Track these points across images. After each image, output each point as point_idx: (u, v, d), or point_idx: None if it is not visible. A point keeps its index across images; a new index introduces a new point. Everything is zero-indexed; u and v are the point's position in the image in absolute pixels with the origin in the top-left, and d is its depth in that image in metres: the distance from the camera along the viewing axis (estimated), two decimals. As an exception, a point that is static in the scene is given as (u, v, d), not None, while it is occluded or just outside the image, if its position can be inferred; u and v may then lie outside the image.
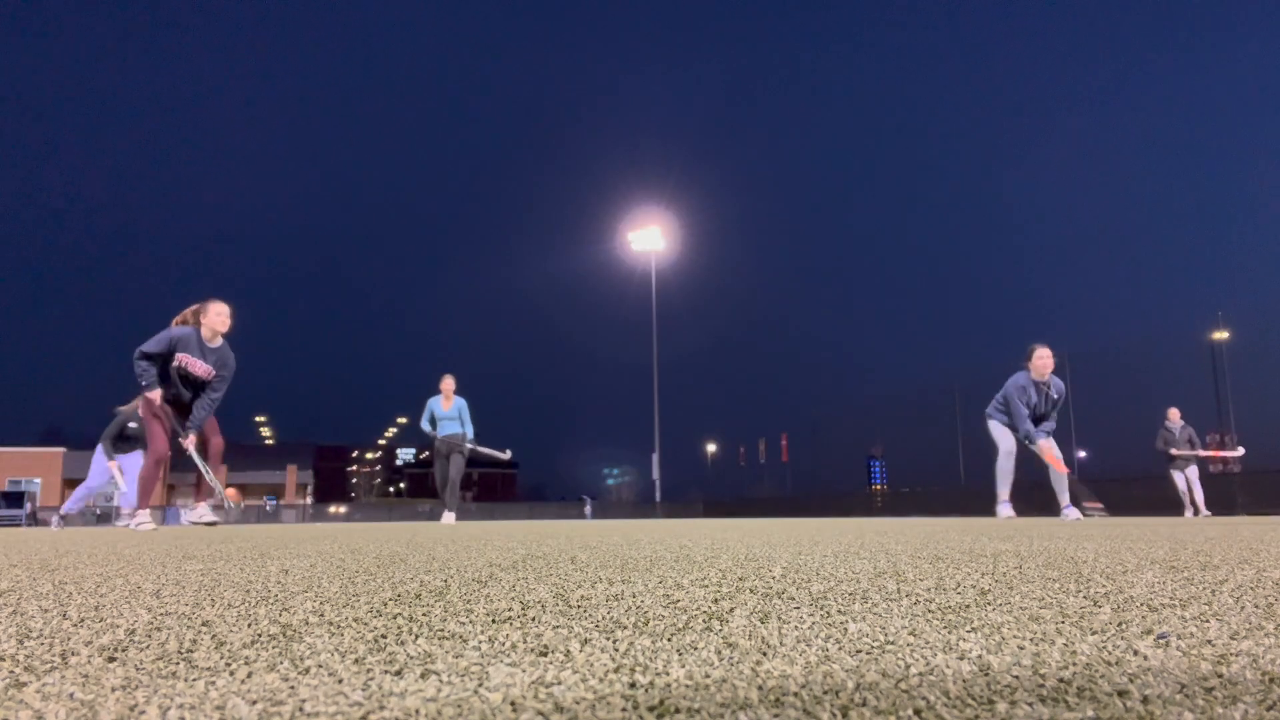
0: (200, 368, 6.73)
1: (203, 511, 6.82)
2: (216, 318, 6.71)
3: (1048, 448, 8.51)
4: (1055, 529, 4.46)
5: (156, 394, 6.56)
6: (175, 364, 6.64)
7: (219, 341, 6.79)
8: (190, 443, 6.78)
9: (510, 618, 1.05)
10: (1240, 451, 15.32)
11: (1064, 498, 8.44)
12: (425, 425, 10.96)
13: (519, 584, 1.50)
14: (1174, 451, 14.25)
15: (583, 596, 1.28)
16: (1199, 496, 14.26)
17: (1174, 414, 14.45)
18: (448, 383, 11.01)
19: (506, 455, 11.56)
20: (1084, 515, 8.30)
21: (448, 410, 10.90)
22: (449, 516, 10.65)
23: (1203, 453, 14.33)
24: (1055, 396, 8.59)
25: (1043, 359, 8.54)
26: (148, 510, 6.82)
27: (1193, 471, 14.36)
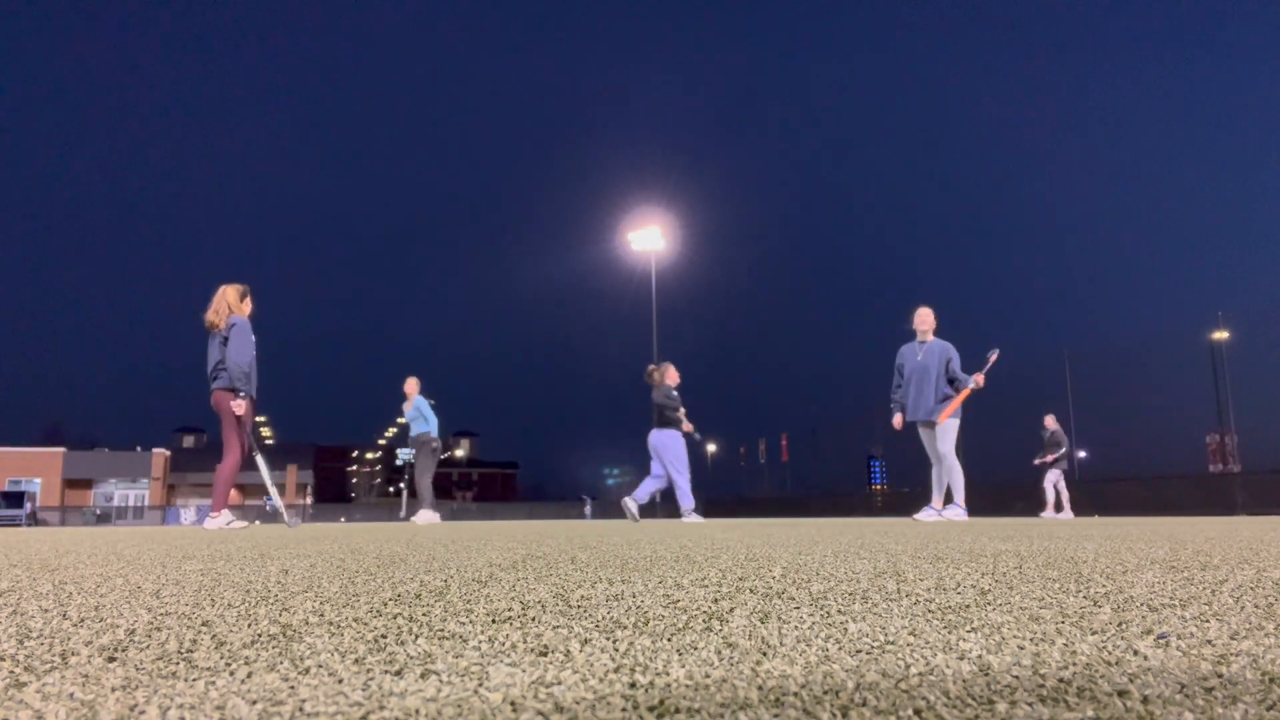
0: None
1: (229, 517, 7.05)
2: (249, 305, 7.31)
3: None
4: (1055, 529, 4.46)
5: (243, 406, 6.99)
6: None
7: None
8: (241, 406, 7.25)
9: (510, 618, 1.05)
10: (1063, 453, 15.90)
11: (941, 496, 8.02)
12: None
13: (519, 584, 1.50)
14: (1038, 461, 14.96)
15: (583, 596, 1.28)
16: (1051, 497, 14.98)
17: (1050, 420, 15.12)
18: (409, 385, 11.32)
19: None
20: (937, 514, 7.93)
21: (408, 413, 11.25)
22: (426, 515, 10.67)
23: (1048, 459, 15.05)
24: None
25: (919, 319, 8.24)
26: (226, 510, 6.97)
27: (1052, 477, 15.07)
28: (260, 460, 7.09)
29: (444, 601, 1.24)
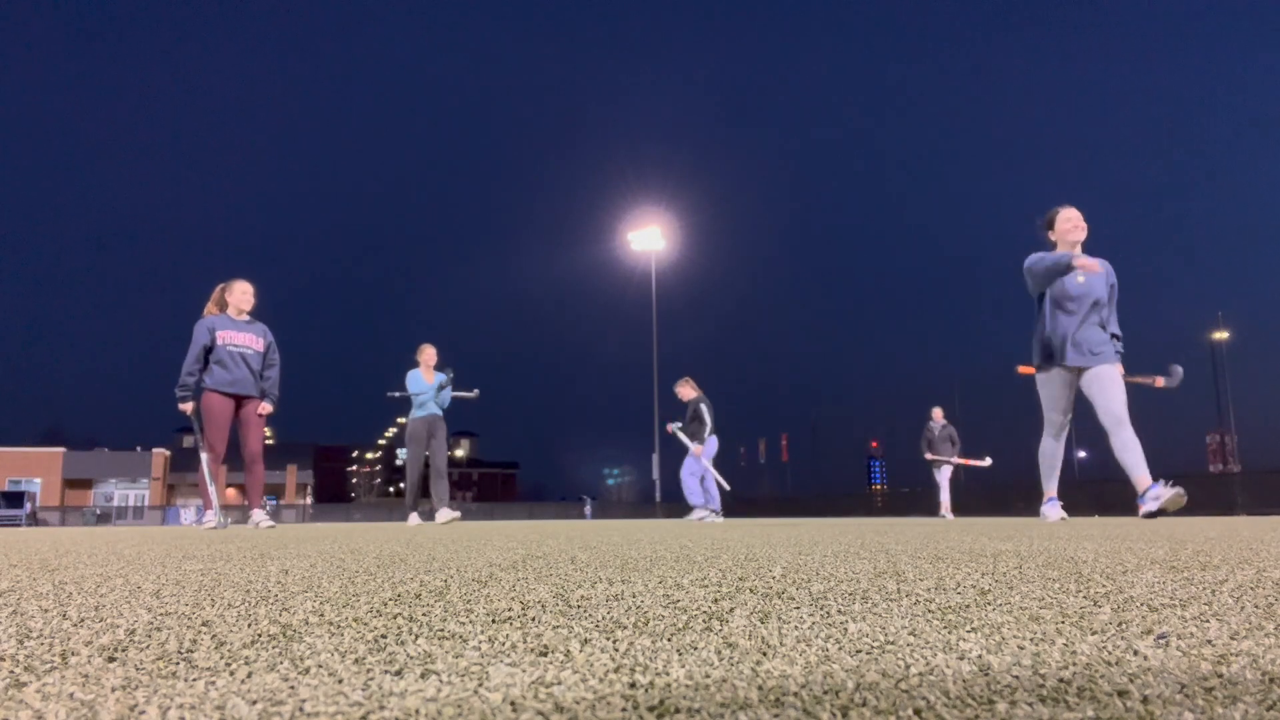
0: (243, 337, 7.14)
1: (259, 517, 7.05)
2: (242, 296, 7.25)
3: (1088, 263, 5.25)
4: (1055, 529, 4.46)
5: (188, 407, 6.96)
6: (220, 344, 7.03)
7: (247, 318, 7.28)
8: (267, 409, 7.27)
9: (510, 618, 1.05)
10: (987, 461, 14.88)
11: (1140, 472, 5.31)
12: (418, 394, 9.41)
13: (519, 584, 1.50)
14: (929, 456, 14.41)
15: (583, 596, 1.28)
16: (945, 497, 14.37)
17: (937, 413, 14.56)
18: (428, 353, 9.48)
19: (474, 394, 10.05)
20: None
21: (428, 386, 9.43)
22: (417, 517, 9.35)
23: (956, 460, 14.46)
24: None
25: (1069, 221, 5.58)
26: (213, 510, 6.93)
27: (945, 473, 14.46)
28: (203, 458, 7.00)
29: (444, 601, 1.24)
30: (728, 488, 11.54)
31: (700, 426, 11.39)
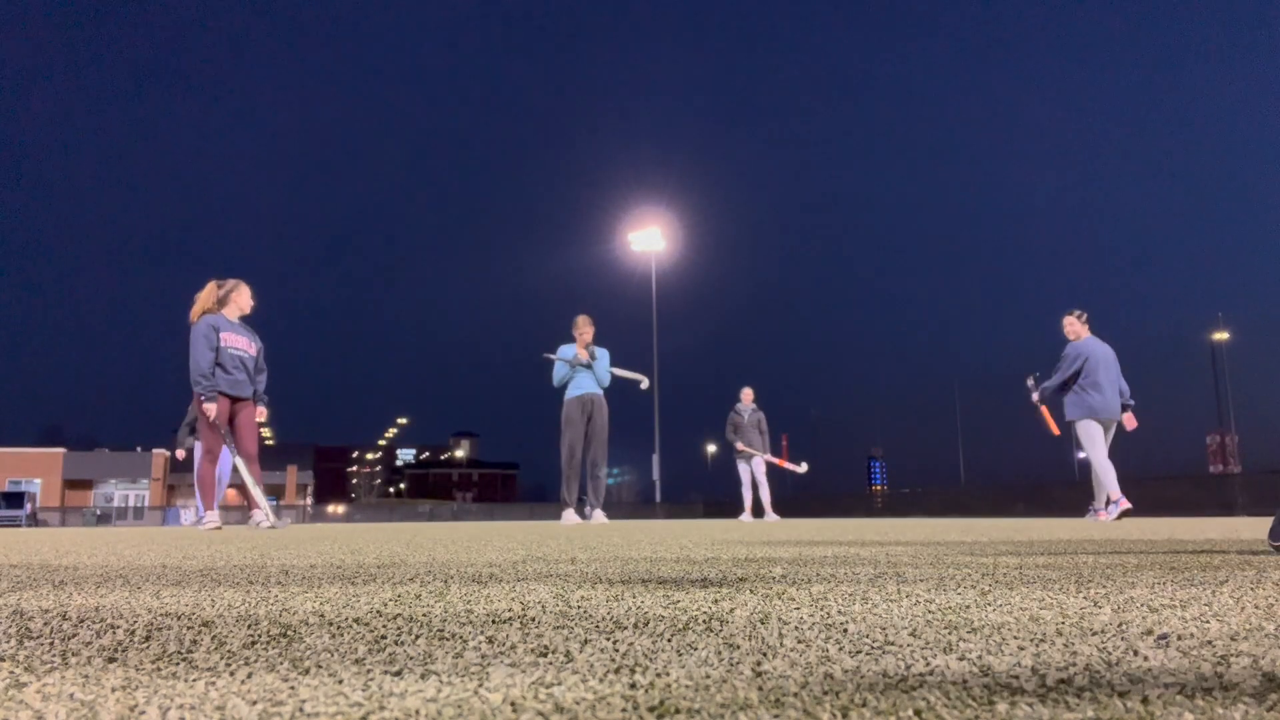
0: (241, 341, 6.99)
1: (259, 518, 6.99)
2: (249, 299, 7.08)
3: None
4: (1054, 529, 4.46)
5: (212, 408, 6.69)
6: (223, 345, 6.84)
7: (240, 322, 7.14)
8: (264, 414, 7.09)
9: (510, 618, 1.05)
10: (803, 468, 12.94)
11: (1100, 494, 8.18)
12: (562, 371, 8.50)
13: (519, 584, 1.50)
14: (739, 446, 12.10)
15: (583, 597, 1.28)
16: (765, 495, 12.06)
17: (747, 394, 12.19)
18: (585, 327, 8.49)
19: (643, 381, 8.99)
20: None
21: (574, 365, 8.47)
22: (574, 514, 8.53)
23: (768, 456, 12.17)
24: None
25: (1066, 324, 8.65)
26: (215, 511, 6.89)
27: (759, 465, 12.17)
28: (238, 461, 6.92)
29: (444, 601, 1.24)
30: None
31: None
